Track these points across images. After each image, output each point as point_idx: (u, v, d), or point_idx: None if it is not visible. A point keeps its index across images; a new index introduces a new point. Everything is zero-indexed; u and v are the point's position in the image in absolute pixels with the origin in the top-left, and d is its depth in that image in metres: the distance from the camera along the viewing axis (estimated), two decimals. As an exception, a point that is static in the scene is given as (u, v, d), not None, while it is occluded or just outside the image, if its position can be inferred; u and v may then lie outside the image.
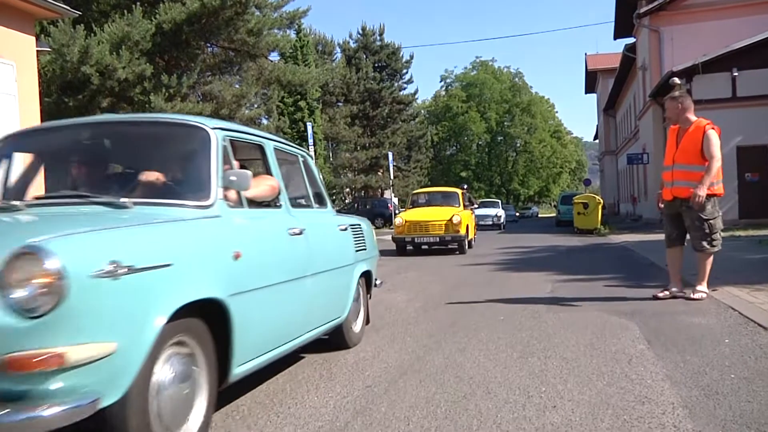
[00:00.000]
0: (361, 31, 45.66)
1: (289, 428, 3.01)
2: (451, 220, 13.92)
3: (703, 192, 5.94)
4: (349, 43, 45.44)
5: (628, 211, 34.41)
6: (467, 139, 73.30)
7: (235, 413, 3.24)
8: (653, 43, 23.60)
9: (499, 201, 36.52)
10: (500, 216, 29.65)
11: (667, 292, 6.36)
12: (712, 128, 6.10)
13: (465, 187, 21.34)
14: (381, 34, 45.88)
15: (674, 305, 5.97)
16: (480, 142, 74.05)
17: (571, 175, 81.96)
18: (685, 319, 5.29)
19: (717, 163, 6.00)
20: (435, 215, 14.44)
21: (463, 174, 68.98)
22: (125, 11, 16.11)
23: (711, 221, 6.07)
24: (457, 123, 70.90)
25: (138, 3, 16.29)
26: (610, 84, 37.18)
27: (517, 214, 49.04)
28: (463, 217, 14.24)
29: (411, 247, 14.75)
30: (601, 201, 22.66)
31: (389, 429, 2.94)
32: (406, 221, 14.46)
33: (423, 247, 14.71)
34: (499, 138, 74.46)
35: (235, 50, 19.07)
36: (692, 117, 6.21)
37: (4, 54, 10.20)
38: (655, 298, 6.35)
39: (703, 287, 6.23)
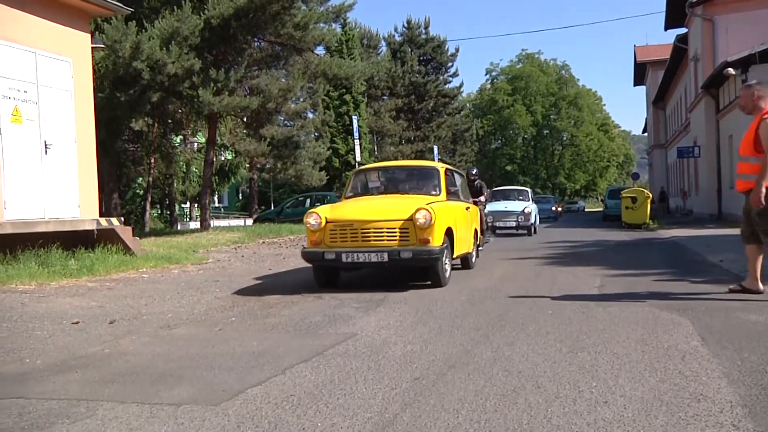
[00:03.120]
0: (406, 25, 45.62)
1: (338, 419, 3.02)
2: (413, 219, 7.32)
3: (757, 194, 5.54)
4: (394, 36, 45.46)
5: (678, 205, 33.66)
6: (513, 133, 72.54)
7: (285, 403, 3.27)
8: (707, 32, 22.99)
9: (529, 190, 22.74)
10: (530, 213, 18.98)
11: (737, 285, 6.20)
12: None
13: (474, 171, 14.79)
14: (426, 27, 45.77)
15: (729, 302, 5.81)
16: (526, 136, 73.22)
17: (618, 169, 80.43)
18: (741, 316, 5.15)
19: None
20: (384, 211, 7.72)
21: (509, 168, 68.37)
22: (175, 7, 16.38)
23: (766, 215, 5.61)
24: (503, 116, 70.24)
25: (187, -1, 16.55)
26: (660, 76, 36.37)
27: (555, 208, 36.20)
28: (441, 214, 7.54)
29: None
30: (650, 195, 22.21)
31: (438, 421, 2.94)
32: (327, 221, 7.61)
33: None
34: (545, 131, 73.52)
35: (282, 44, 19.21)
36: (764, 105, 5.74)
37: (62, 51, 10.49)
38: (729, 291, 6.21)
39: None
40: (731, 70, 18.95)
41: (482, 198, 13.50)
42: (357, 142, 24.12)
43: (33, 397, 3.48)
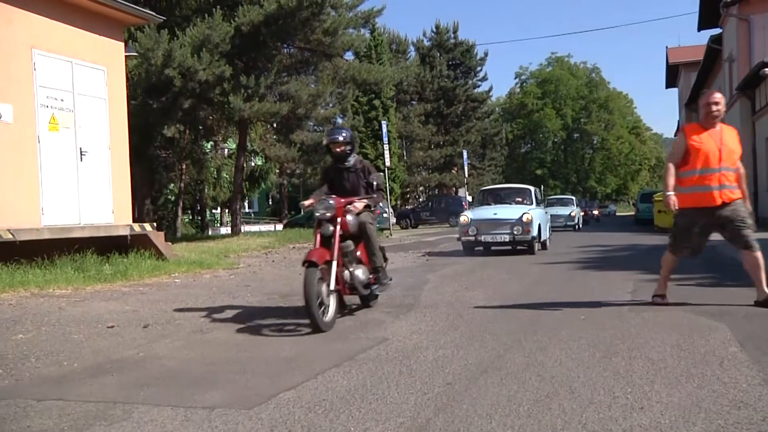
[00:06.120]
0: (434, 29, 45.59)
1: (370, 423, 3.02)
2: None
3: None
4: (423, 41, 45.47)
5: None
6: (542, 137, 72.07)
7: (318, 408, 3.28)
8: (742, 32, 22.55)
9: (532, 189, 15.28)
10: (530, 222, 12.99)
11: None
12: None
13: (342, 138, 6.31)
14: (455, 32, 45.68)
15: (768, 307, 5.68)
16: (556, 139, 72.66)
17: (650, 173, 79.35)
18: (781, 321, 5.04)
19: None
20: None
21: (539, 172, 67.86)
22: (206, 15, 16.59)
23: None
24: (532, 120, 69.81)
25: (218, 6, 16.75)
26: (693, 78, 35.75)
27: (574, 213, 26.96)
28: None
29: None
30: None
31: (471, 427, 2.92)
32: None
33: None
34: (575, 135, 72.88)
35: (311, 50, 19.34)
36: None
37: (97, 60, 10.69)
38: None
39: None
40: (768, 71, 18.59)
41: (358, 201, 6.06)
42: (386, 147, 24.15)
43: (71, 399, 3.54)
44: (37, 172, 9.59)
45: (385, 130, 24.20)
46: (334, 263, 5.54)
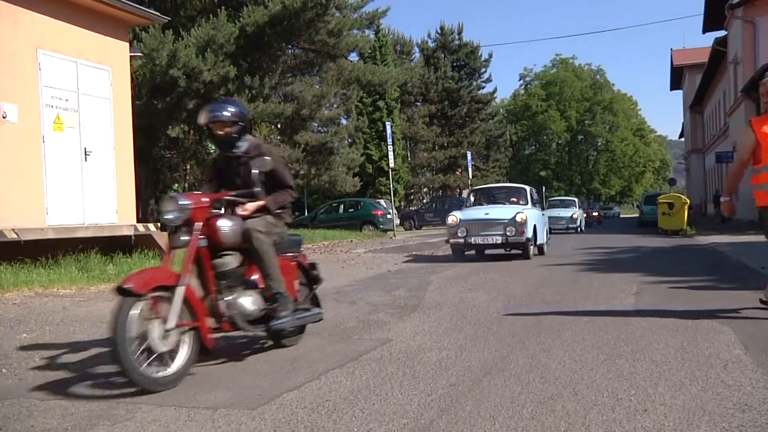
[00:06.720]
0: (439, 31, 45.60)
1: (374, 424, 3.02)
2: None
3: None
4: (427, 42, 45.46)
5: (717, 211, 33.00)
6: (547, 138, 71.88)
7: (321, 408, 3.28)
8: (747, 34, 22.50)
9: (528, 189, 14.14)
10: (525, 223, 12.01)
11: None
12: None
13: (230, 114, 4.41)
14: (459, 33, 45.69)
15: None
16: (560, 141, 72.46)
17: (654, 175, 79.22)
18: (785, 324, 5.02)
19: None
20: None
21: (543, 173, 67.77)
22: (210, 15, 16.62)
23: None
24: (537, 122, 69.61)
25: (223, 7, 16.78)
26: (698, 80, 35.74)
27: (576, 216, 25.95)
28: None
29: None
30: (688, 201, 21.84)
31: (475, 428, 2.91)
32: None
33: None
34: (579, 137, 72.67)
35: (316, 51, 19.38)
36: None
37: (102, 60, 10.71)
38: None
39: None
40: (773, 73, 18.52)
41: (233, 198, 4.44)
42: (390, 148, 24.16)
43: (75, 399, 3.55)
44: (41, 171, 9.61)
45: (389, 131, 24.21)
46: (180, 290, 3.81)
